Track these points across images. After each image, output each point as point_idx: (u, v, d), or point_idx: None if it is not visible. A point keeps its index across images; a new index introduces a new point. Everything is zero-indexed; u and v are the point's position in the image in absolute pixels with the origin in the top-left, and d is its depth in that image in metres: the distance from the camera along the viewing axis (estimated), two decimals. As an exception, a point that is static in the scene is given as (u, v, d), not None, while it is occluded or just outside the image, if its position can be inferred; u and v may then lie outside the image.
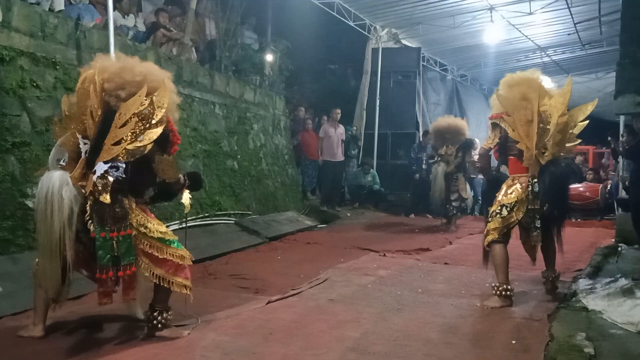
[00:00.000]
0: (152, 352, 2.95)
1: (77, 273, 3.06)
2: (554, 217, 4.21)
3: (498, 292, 4.07)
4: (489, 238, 4.15)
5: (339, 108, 10.49)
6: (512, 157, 4.28)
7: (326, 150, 10.17)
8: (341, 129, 10.36)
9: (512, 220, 4.12)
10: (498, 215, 4.13)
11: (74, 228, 2.84)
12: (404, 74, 12.35)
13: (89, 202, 2.88)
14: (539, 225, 4.15)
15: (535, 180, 4.09)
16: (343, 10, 10.42)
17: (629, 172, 7.11)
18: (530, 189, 4.10)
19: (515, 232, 4.33)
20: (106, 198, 2.84)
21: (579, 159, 13.01)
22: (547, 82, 4.25)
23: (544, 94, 4.09)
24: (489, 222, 4.18)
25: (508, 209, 4.11)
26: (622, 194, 8.04)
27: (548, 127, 4.03)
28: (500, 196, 4.20)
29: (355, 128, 11.66)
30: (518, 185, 4.14)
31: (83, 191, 2.90)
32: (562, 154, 4.22)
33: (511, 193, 4.14)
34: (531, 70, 4.37)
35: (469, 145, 9.05)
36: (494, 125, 4.25)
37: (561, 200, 4.22)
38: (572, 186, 10.38)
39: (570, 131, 4.21)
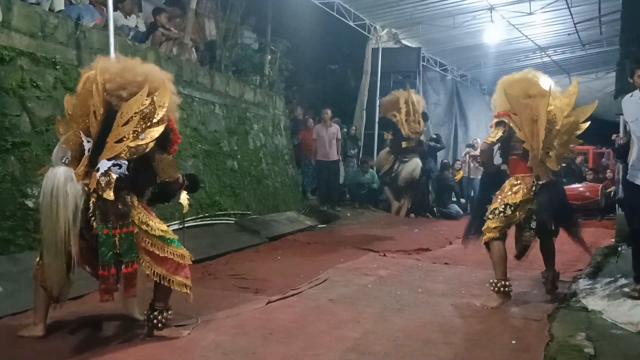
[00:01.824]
0: (152, 352, 2.96)
1: (78, 273, 3.07)
2: (565, 226, 4.28)
3: (496, 288, 4.08)
4: (490, 235, 4.14)
5: (330, 108, 10.48)
6: (515, 157, 4.24)
7: (319, 150, 10.20)
8: (334, 128, 10.34)
9: (515, 219, 4.12)
10: (501, 214, 4.11)
11: (79, 224, 2.85)
12: (404, 74, 12.34)
13: (92, 199, 2.91)
14: (534, 226, 4.16)
15: (541, 182, 4.09)
16: (343, 10, 10.41)
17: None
18: (534, 189, 4.09)
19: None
20: (109, 195, 2.87)
21: (580, 159, 13.01)
22: (547, 82, 4.24)
23: (544, 93, 4.08)
24: (490, 219, 4.16)
25: (512, 208, 4.09)
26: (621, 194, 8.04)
27: (557, 127, 4.02)
28: (502, 194, 4.17)
29: (354, 127, 11.65)
30: (523, 185, 4.11)
31: (86, 188, 2.91)
32: (565, 155, 4.23)
33: (517, 192, 4.11)
34: (527, 69, 4.36)
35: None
36: (499, 123, 4.21)
37: (563, 215, 4.27)
38: (573, 186, 10.41)
39: (577, 132, 4.20)
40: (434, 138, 11.97)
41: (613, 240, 7.20)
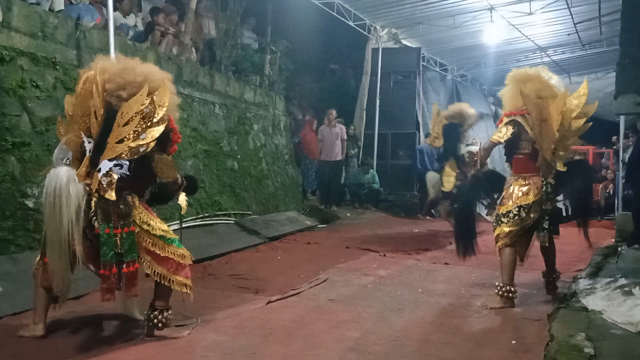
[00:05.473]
0: (152, 352, 2.95)
1: (77, 273, 3.07)
2: (582, 216, 4.29)
3: (501, 293, 4.06)
4: (504, 241, 4.07)
5: (334, 108, 10.48)
6: (522, 156, 4.19)
7: (323, 150, 10.22)
8: (338, 128, 10.35)
9: (529, 221, 4.07)
10: (516, 217, 4.04)
11: (82, 223, 2.86)
12: (404, 74, 12.34)
13: (93, 199, 2.91)
14: (547, 226, 4.15)
15: (550, 181, 4.07)
16: (343, 10, 10.41)
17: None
18: (544, 189, 4.06)
19: None
20: (111, 195, 2.88)
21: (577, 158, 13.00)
22: (556, 81, 4.20)
23: (555, 95, 4.04)
24: (503, 223, 4.09)
25: (525, 210, 4.04)
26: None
27: (571, 129, 4.01)
28: (513, 197, 4.10)
29: (353, 127, 11.66)
30: (533, 186, 4.07)
31: (87, 189, 2.92)
32: (569, 155, 4.23)
33: (527, 193, 4.06)
34: (540, 67, 4.32)
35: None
36: (510, 122, 4.12)
37: (588, 202, 4.36)
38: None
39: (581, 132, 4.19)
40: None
41: (613, 240, 7.21)
